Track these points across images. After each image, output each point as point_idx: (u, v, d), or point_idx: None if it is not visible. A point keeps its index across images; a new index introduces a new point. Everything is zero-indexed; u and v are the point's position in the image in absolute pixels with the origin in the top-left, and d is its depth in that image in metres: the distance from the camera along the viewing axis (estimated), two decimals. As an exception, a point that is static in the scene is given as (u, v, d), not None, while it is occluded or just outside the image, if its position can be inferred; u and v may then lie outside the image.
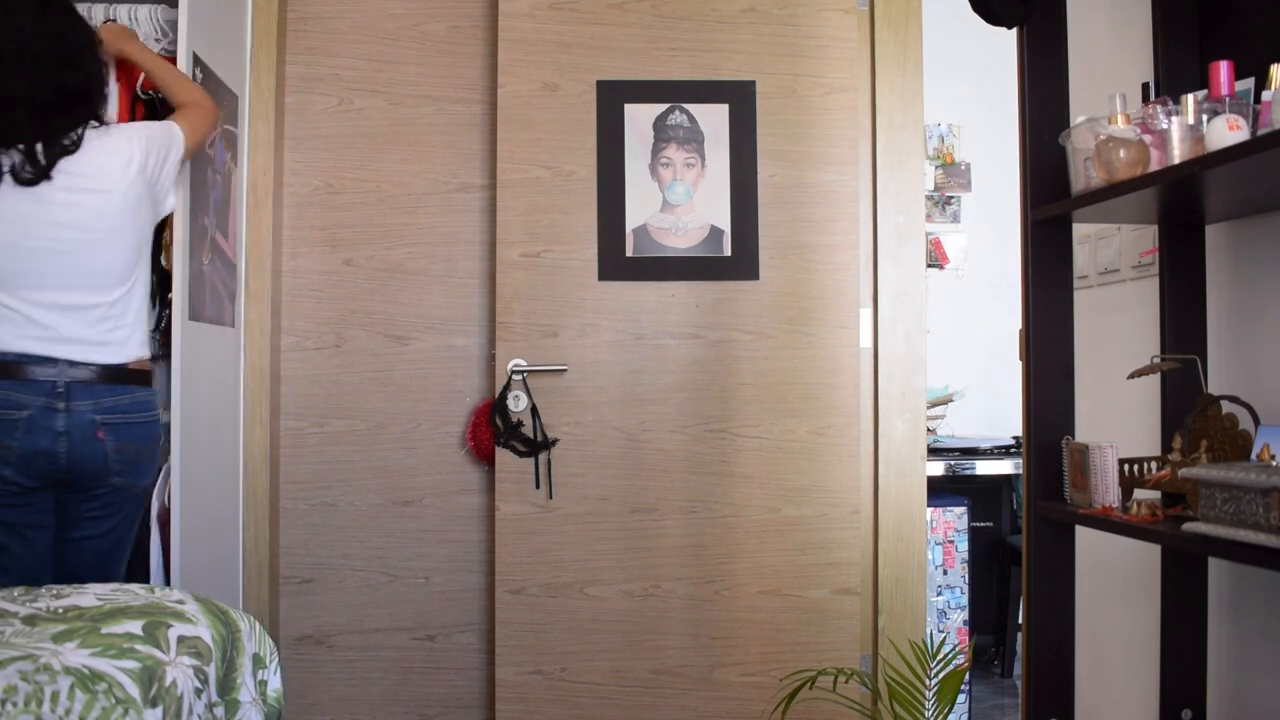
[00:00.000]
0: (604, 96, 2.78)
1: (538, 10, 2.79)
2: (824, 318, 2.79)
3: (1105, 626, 2.34)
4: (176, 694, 1.49)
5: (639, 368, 2.77)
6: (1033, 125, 2.12)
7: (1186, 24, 1.98)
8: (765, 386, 2.78)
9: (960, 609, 3.50)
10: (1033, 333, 2.13)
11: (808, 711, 2.31)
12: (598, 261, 2.77)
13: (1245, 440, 1.73)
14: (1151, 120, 1.79)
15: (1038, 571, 2.10)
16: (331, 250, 2.94)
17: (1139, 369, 1.94)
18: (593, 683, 2.74)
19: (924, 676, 2.15)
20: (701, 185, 2.80)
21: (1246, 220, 1.93)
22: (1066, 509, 1.99)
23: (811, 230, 2.81)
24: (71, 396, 2.11)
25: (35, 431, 2.07)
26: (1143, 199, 1.81)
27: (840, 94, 2.82)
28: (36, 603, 1.69)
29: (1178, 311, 1.99)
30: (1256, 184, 1.70)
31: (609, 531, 2.75)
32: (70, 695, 1.35)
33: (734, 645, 2.76)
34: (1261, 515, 1.45)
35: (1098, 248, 2.36)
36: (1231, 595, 1.96)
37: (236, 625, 1.76)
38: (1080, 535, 2.14)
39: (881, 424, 2.91)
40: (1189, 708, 1.94)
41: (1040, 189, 2.10)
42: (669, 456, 2.77)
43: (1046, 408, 2.11)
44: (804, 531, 2.77)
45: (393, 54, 2.96)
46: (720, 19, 2.82)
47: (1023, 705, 2.24)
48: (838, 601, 2.77)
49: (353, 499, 2.91)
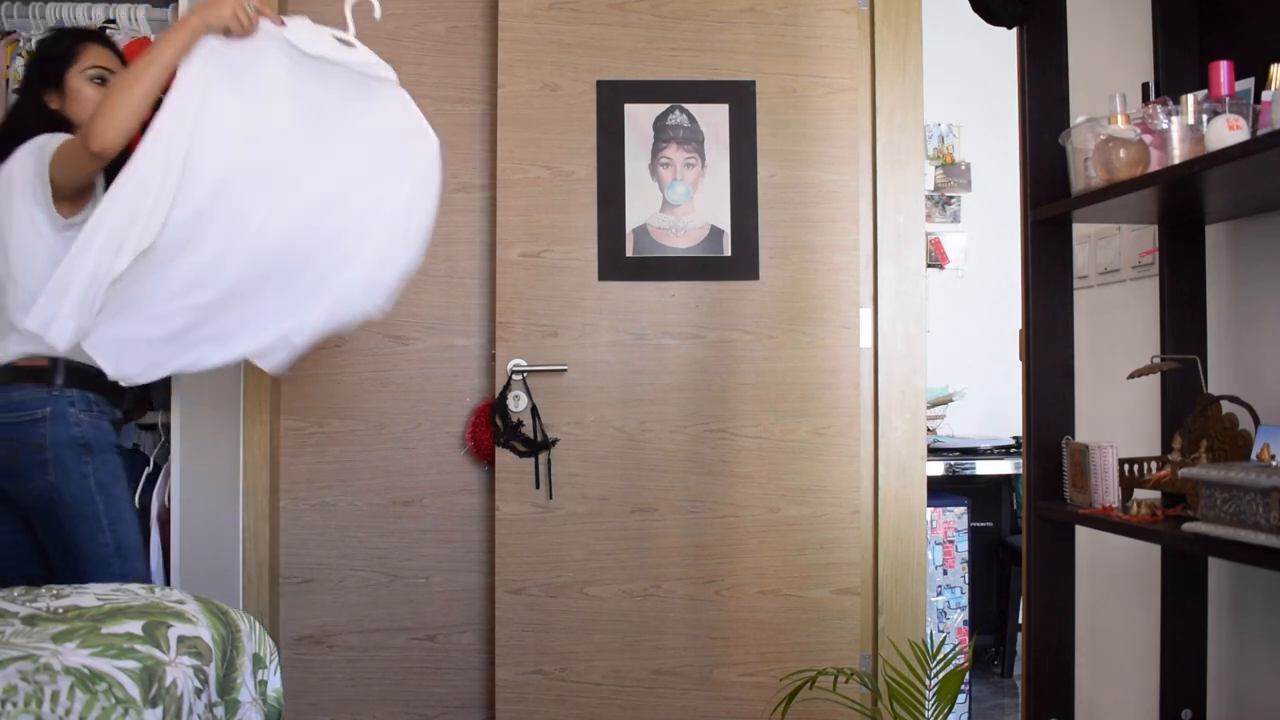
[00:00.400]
0: (604, 96, 2.78)
1: (538, 10, 2.79)
2: (824, 318, 2.79)
3: (1105, 626, 2.34)
4: (176, 694, 1.49)
5: (639, 368, 2.77)
6: (1033, 125, 2.12)
7: (1186, 24, 1.98)
8: (765, 386, 2.78)
9: (960, 609, 3.50)
10: (1033, 333, 2.13)
11: (808, 711, 2.31)
12: (598, 261, 2.77)
13: (1245, 440, 1.73)
14: (1151, 120, 1.79)
15: (1038, 571, 2.10)
16: (331, 250, 2.94)
17: (1139, 369, 1.94)
18: (593, 683, 2.74)
19: (924, 676, 2.15)
20: (701, 185, 2.80)
21: (1246, 220, 1.93)
22: (1066, 509, 1.99)
23: (811, 230, 2.80)
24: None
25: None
26: (1143, 199, 1.81)
27: (840, 94, 2.82)
28: (36, 603, 1.69)
29: (1178, 311, 1.99)
30: (1256, 184, 1.70)
31: (609, 531, 2.75)
32: (70, 695, 1.35)
33: (734, 645, 2.76)
34: (1261, 515, 1.45)
35: (1098, 248, 2.36)
36: (1231, 595, 1.96)
37: (236, 625, 1.76)
38: (1080, 535, 2.14)
39: (881, 424, 2.91)
40: (1189, 708, 1.94)
41: (1040, 189, 2.10)
42: (669, 456, 2.77)
43: (1046, 408, 2.11)
44: (804, 531, 2.77)
45: (393, 54, 2.92)
46: (720, 19, 2.82)
47: (1023, 705, 2.24)
48: (838, 601, 2.77)
49: (353, 499, 2.91)
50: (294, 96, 2.13)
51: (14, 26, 2.67)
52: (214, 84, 2.06)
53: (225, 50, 2.07)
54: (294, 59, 2.13)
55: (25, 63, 2.53)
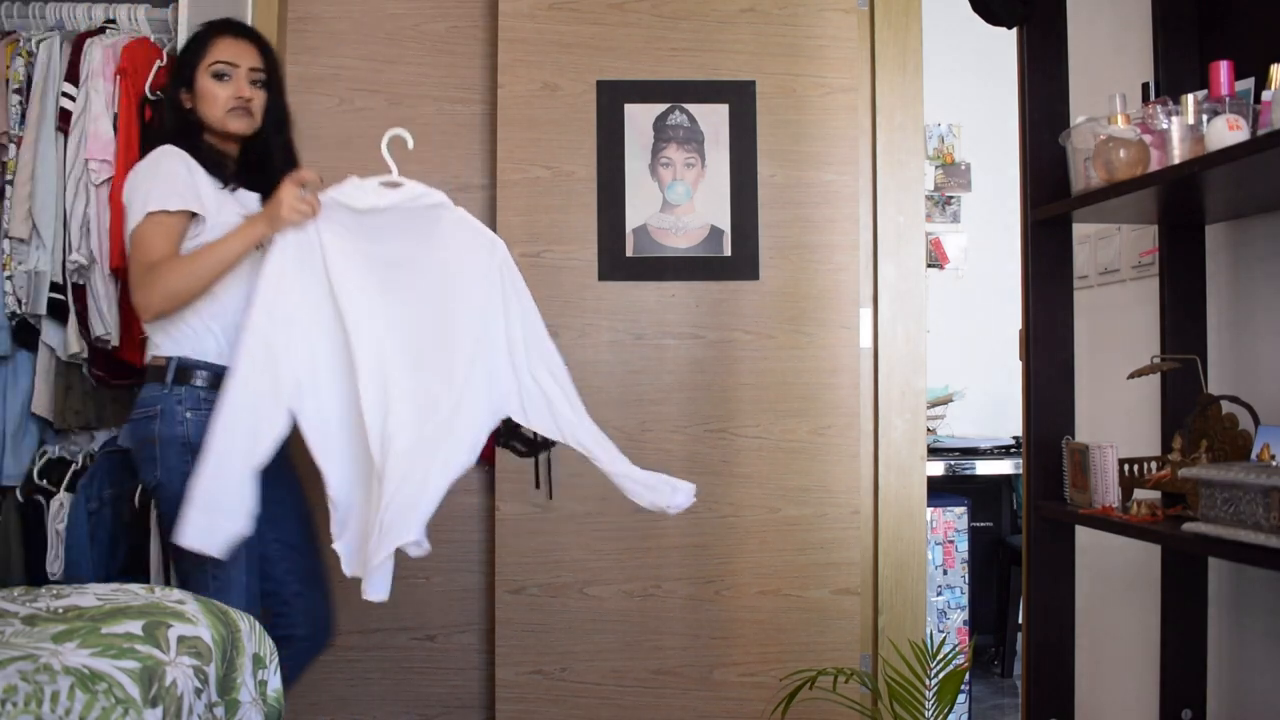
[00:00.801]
0: (604, 96, 2.78)
1: (538, 10, 2.79)
2: (824, 318, 2.79)
3: (1105, 626, 2.34)
4: (176, 694, 1.49)
5: (639, 368, 2.77)
6: (1033, 125, 2.12)
7: (1186, 24, 1.98)
8: (765, 386, 2.78)
9: (960, 609, 3.50)
10: (1033, 333, 2.13)
11: (808, 711, 2.31)
12: (598, 261, 2.77)
13: (1245, 440, 1.73)
14: (1151, 120, 1.79)
15: (1038, 571, 2.10)
16: (331, 250, 2.93)
17: (1139, 369, 1.94)
18: (593, 683, 2.74)
19: (924, 676, 2.15)
20: (701, 185, 2.80)
21: (1246, 220, 1.93)
22: (1066, 509, 1.99)
23: (811, 230, 2.80)
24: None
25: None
26: (1143, 199, 1.81)
27: (840, 94, 2.82)
28: (36, 603, 1.69)
29: (1178, 311, 1.99)
30: (1256, 184, 1.70)
31: (609, 531, 2.75)
32: (70, 695, 1.35)
33: (734, 645, 2.76)
34: (1261, 515, 1.45)
35: (1098, 248, 2.36)
36: (1231, 595, 1.96)
37: (236, 625, 1.76)
38: (1080, 535, 2.14)
39: (881, 424, 2.91)
40: (1189, 708, 1.94)
41: (1040, 189, 2.10)
42: (669, 456, 2.77)
43: (1046, 408, 2.11)
44: (804, 531, 2.77)
45: (393, 54, 2.96)
46: (720, 19, 2.81)
47: (1023, 705, 2.24)
48: (838, 601, 2.77)
49: (353, 499, 2.90)
50: (381, 263, 2.18)
51: (14, 26, 2.66)
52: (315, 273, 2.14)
53: (296, 239, 2.14)
54: (355, 222, 2.18)
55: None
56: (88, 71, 2.56)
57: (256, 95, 2.26)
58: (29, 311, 2.58)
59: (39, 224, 2.55)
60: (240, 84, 2.22)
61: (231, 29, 2.27)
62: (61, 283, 2.57)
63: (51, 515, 2.59)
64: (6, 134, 2.57)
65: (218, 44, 2.23)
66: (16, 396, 2.66)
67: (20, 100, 2.58)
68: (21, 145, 2.56)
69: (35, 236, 2.56)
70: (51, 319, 2.59)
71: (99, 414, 2.69)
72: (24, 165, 2.54)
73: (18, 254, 2.57)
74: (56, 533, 2.57)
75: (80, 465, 2.64)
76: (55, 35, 2.62)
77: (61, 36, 2.63)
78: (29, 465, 2.65)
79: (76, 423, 2.67)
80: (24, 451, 2.67)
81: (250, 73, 2.24)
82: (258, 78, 2.26)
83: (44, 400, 2.65)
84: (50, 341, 2.61)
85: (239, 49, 2.24)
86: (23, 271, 2.57)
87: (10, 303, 2.58)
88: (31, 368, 2.67)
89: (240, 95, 2.22)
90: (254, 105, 2.25)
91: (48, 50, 2.60)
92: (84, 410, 2.67)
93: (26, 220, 2.54)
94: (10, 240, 2.56)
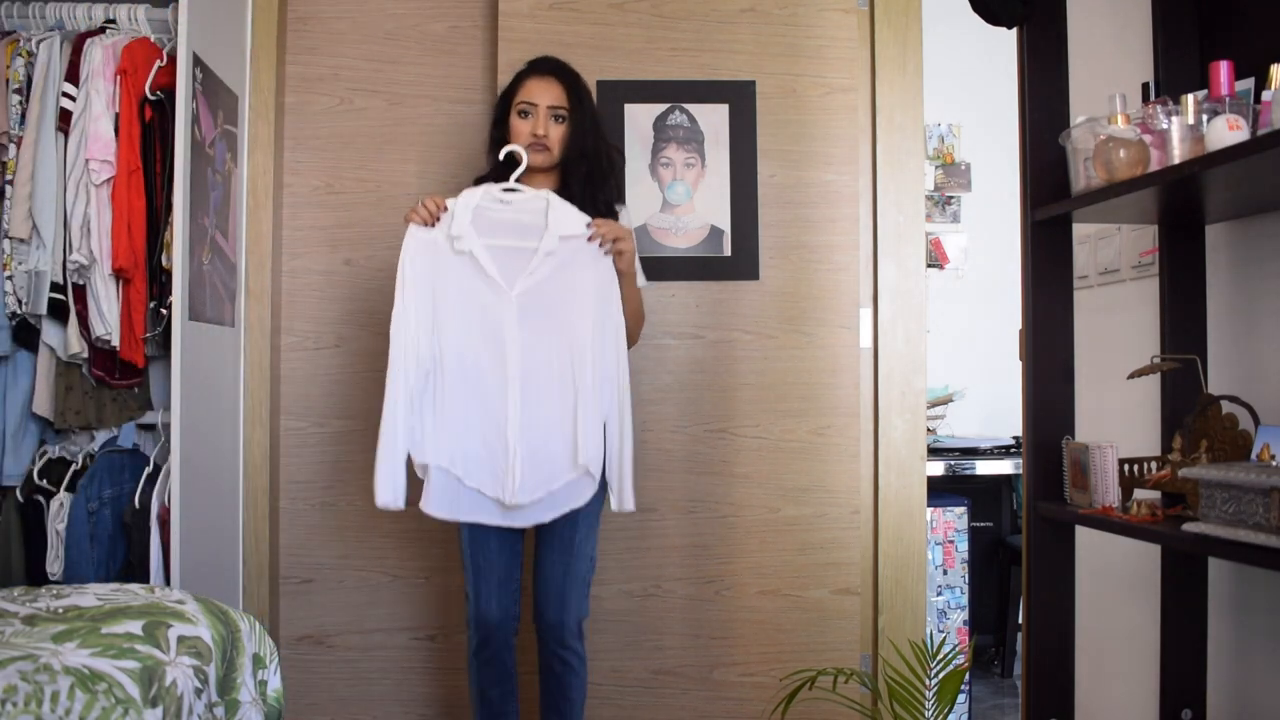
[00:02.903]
0: (604, 96, 2.78)
1: (538, 10, 2.79)
2: (824, 318, 2.79)
3: (1105, 626, 2.34)
4: (176, 694, 1.49)
5: (639, 368, 2.77)
6: (1033, 125, 2.11)
7: (1186, 24, 1.98)
8: (765, 386, 2.78)
9: (960, 609, 3.50)
10: (1033, 333, 2.13)
11: (808, 711, 2.31)
12: (598, 261, 2.76)
13: (1245, 440, 1.73)
14: (1151, 120, 1.79)
15: (1038, 571, 2.10)
16: (331, 250, 2.94)
17: (1139, 369, 1.94)
18: (593, 683, 2.73)
19: (924, 676, 2.15)
20: (701, 185, 2.80)
21: (1246, 220, 1.93)
22: (1066, 509, 1.99)
23: (811, 230, 2.80)
24: None
25: None
26: (1143, 199, 1.81)
27: (840, 94, 2.82)
28: (36, 603, 1.69)
29: (1178, 311, 1.99)
30: (1256, 184, 1.70)
31: (609, 531, 2.74)
32: (70, 695, 1.35)
33: (734, 645, 2.76)
34: (1261, 515, 1.45)
35: (1098, 248, 2.36)
36: (1231, 595, 1.96)
37: (236, 625, 1.76)
38: (1080, 535, 2.14)
39: (881, 424, 2.91)
40: (1189, 708, 1.93)
41: (1040, 189, 2.10)
42: (669, 456, 2.77)
43: (1046, 408, 2.11)
44: (804, 531, 2.77)
45: (393, 54, 2.96)
46: (720, 19, 2.82)
47: (1023, 705, 2.24)
48: (838, 601, 2.77)
49: (353, 499, 2.91)
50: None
51: (14, 26, 2.66)
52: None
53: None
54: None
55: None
56: (88, 71, 2.56)
57: (553, 130, 2.36)
58: (29, 311, 2.58)
59: (39, 224, 2.55)
60: (537, 121, 2.34)
61: (538, 69, 2.41)
62: (62, 283, 2.57)
63: (51, 515, 2.59)
64: (6, 134, 2.57)
65: (526, 84, 2.40)
66: (17, 396, 2.67)
67: (20, 100, 2.58)
68: (21, 145, 2.56)
69: (35, 236, 2.56)
70: (52, 319, 2.60)
71: (99, 414, 2.68)
72: (24, 165, 2.54)
73: (18, 254, 2.57)
74: (56, 533, 2.57)
75: (80, 465, 2.64)
76: (55, 35, 2.62)
77: (61, 36, 2.63)
78: (29, 465, 2.65)
79: (77, 423, 2.67)
80: (24, 451, 2.67)
81: (549, 110, 2.36)
82: (559, 114, 2.37)
83: (44, 400, 2.65)
84: (50, 341, 2.62)
85: (542, 87, 2.38)
86: (23, 271, 2.57)
87: (10, 303, 2.58)
88: (32, 368, 2.67)
89: (535, 132, 2.34)
90: (550, 140, 2.36)
91: (48, 50, 2.60)
92: (84, 410, 2.67)
93: (27, 220, 2.54)
94: (10, 240, 2.55)
